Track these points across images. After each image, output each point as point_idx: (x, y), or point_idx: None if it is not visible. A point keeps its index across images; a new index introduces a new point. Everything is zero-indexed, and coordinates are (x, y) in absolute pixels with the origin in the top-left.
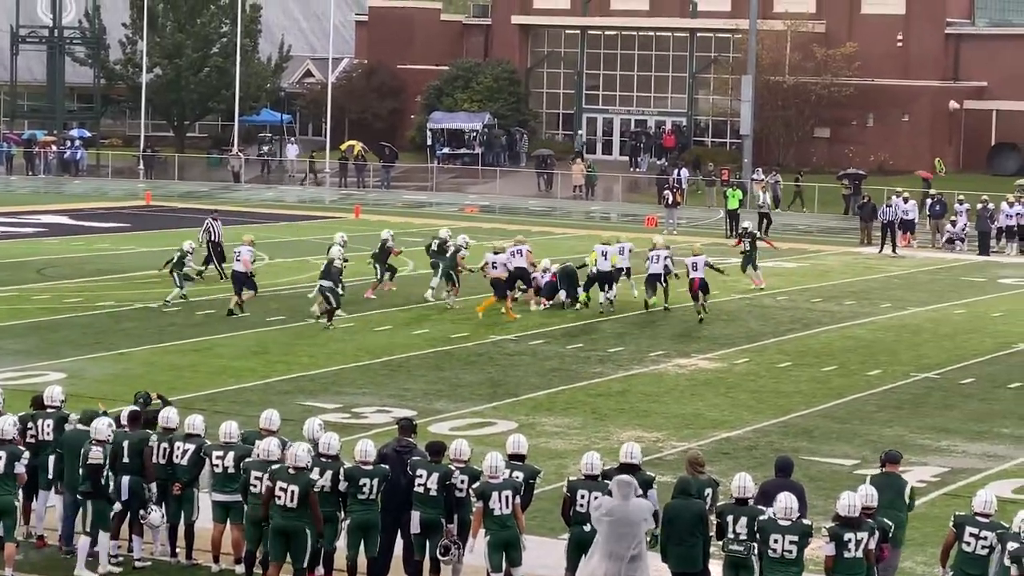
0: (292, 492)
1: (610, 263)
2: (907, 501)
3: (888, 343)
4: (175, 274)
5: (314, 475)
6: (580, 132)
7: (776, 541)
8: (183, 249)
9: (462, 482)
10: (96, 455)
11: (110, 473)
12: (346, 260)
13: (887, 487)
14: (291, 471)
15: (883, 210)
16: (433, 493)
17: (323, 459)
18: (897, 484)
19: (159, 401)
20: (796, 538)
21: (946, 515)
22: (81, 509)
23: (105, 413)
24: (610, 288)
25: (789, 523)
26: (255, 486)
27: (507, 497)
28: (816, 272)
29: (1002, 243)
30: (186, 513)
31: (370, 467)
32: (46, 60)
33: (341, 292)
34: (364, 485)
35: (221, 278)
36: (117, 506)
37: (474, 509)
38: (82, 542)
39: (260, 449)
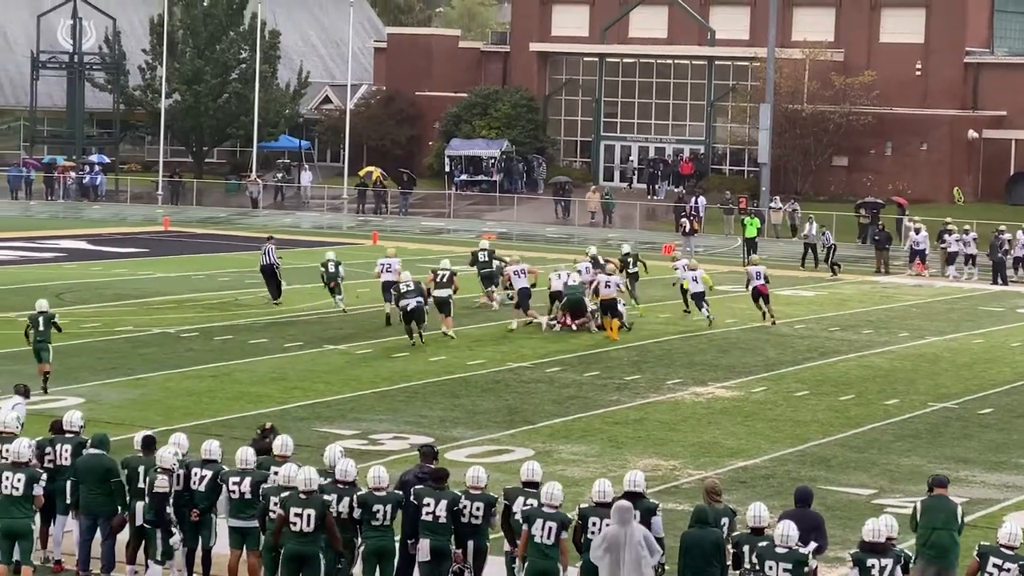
0: (308, 516)
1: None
2: (960, 522)
3: (906, 372)
4: (337, 281)
5: (327, 497)
6: (631, 159)
7: (771, 568)
8: (327, 258)
9: (477, 508)
10: (162, 483)
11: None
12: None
13: (939, 509)
14: (302, 495)
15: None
16: (442, 520)
17: (340, 485)
18: (948, 506)
19: (269, 431)
20: (790, 566)
21: (965, 545)
22: (143, 536)
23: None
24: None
25: (786, 551)
26: (274, 511)
27: (551, 528)
28: (834, 301)
29: (1020, 273)
30: (203, 539)
31: (383, 493)
32: (66, 86)
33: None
34: (378, 511)
35: (275, 301)
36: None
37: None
38: (152, 571)
39: (280, 476)
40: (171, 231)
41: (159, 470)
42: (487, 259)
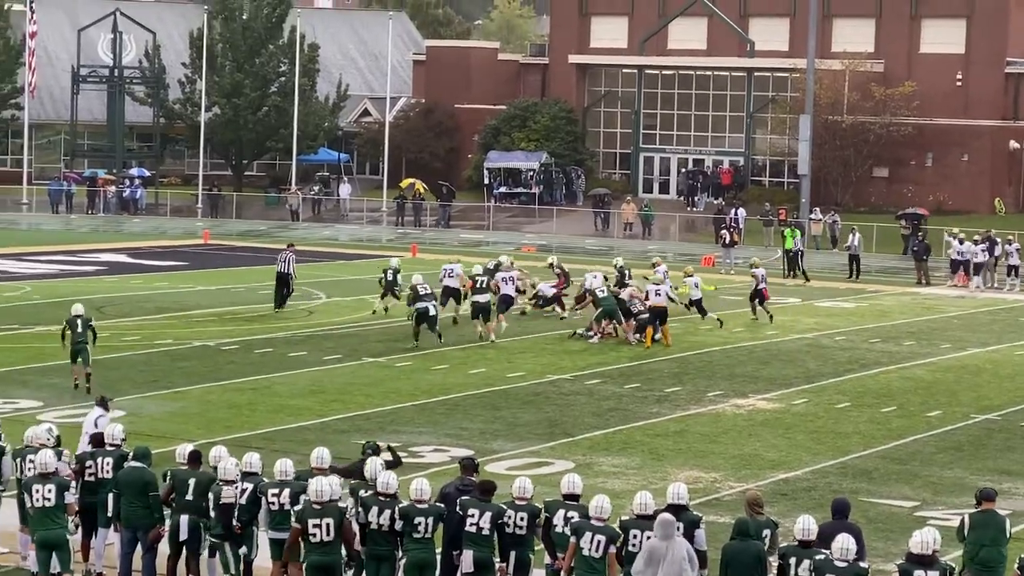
0: (327, 525)
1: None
2: (1007, 537)
3: (948, 384)
4: (393, 291)
5: (342, 503)
6: (688, 178)
7: None
8: (392, 266)
9: (521, 519)
10: (228, 495)
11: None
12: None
13: (988, 525)
14: (316, 506)
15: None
16: (485, 532)
17: (381, 498)
18: (997, 520)
19: (388, 452)
20: None
21: (1008, 558)
22: (214, 551)
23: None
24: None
25: (845, 564)
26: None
27: (600, 542)
28: (875, 312)
29: (1011, 279)
30: (245, 551)
31: (425, 505)
32: (106, 100)
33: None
34: (419, 524)
35: (276, 308)
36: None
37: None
38: None
39: (311, 490)
40: (211, 244)
41: (223, 482)
42: (483, 285)
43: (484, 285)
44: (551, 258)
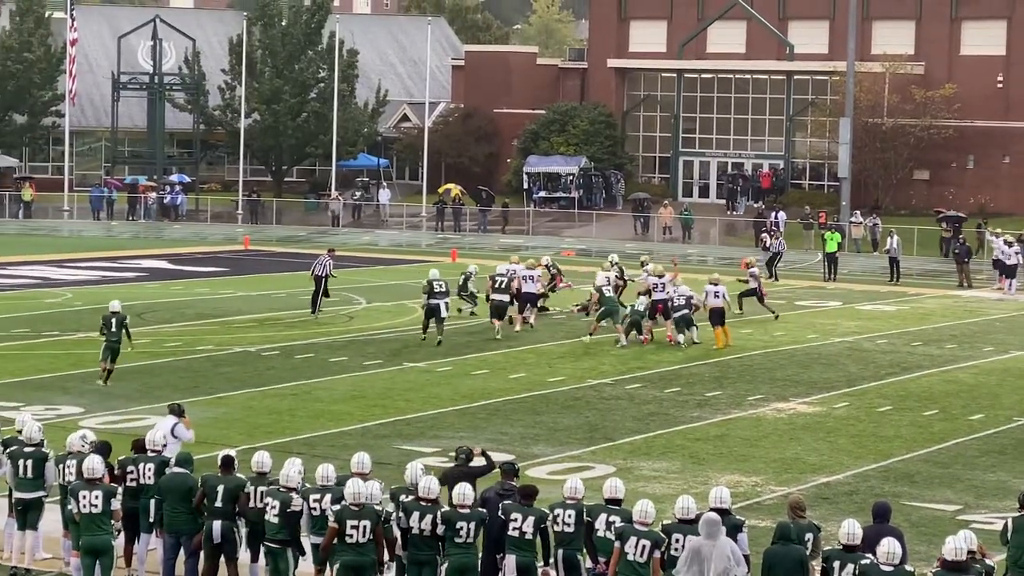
0: (364, 527)
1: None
2: None
3: (991, 387)
4: (462, 294)
5: (380, 507)
6: (728, 182)
7: None
8: (468, 272)
9: (569, 516)
10: (298, 502)
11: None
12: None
13: None
14: (354, 507)
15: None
16: (528, 536)
17: (422, 503)
18: None
19: (482, 457)
20: None
21: None
22: (272, 557)
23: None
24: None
25: (891, 568)
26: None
27: (644, 546)
28: (916, 315)
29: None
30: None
31: (467, 511)
32: (146, 106)
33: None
34: (461, 528)
35: (312, 312)
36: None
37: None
38: None
39: (347, 493)
40: (251, 250)
41: (283, 489)
42: (502, 285)
43: (503, 285)
44: (544, 258)
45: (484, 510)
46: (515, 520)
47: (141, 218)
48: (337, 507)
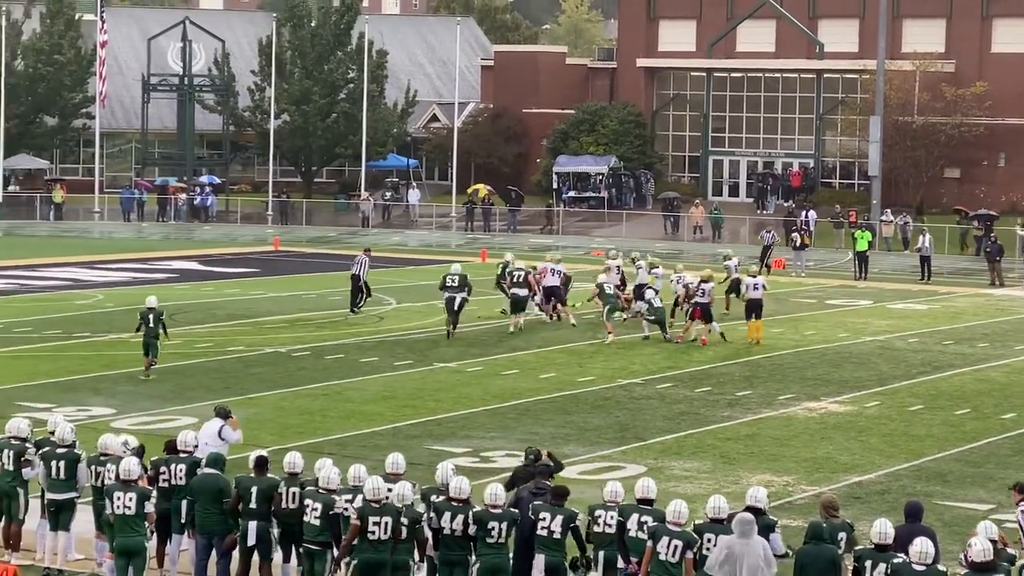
0: (385, 524)
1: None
2: None
3: (1022, 386)
4: (502, 284)
5: (420, 508)
6: (758, 180)
7: None
8: (505, 262)
9: (611, 517)
10: (341, 504)
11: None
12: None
13: None
14: (374, 504)
15: None
16: (557, 536)
17: (454, 503)
18: None
19: (549, 459)
20: None
21: None
22: (310, 559)
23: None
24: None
25: (924, 568)
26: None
27: (677, 546)
28: (947, 314)
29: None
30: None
31: (499, 511)
32: (176, 108)
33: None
34: (493, 529)
35: (352, 311)
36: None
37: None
38: None
39: (367, 489)
40: (281, 251)
41: (324, 491)
42: (521, 280)
43: (522, 280)
44: (549, 255)
45: (516, 510)
46: (543, 520)
47: (171, 219)
48: (359, 504)
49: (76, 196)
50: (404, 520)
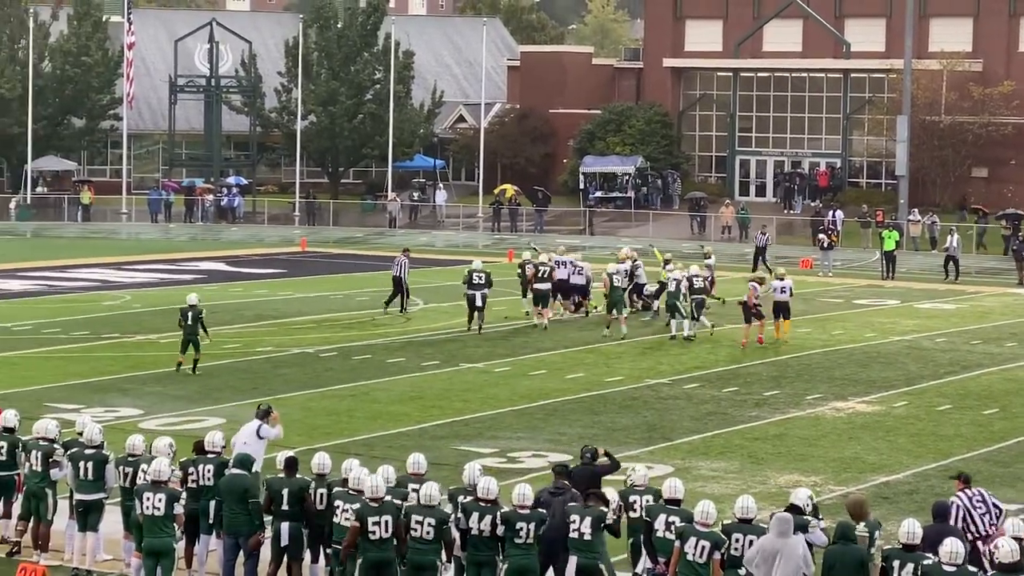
0: (385, 522)
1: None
2: None
3: None
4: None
5: (448, 508)
6: (785, 180)
7: None
8: (525, 259)
9: (646, 500)
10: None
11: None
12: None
13: None
14: (373, 504)
15: None
16: (588, 537)
17: (482, 503)
18: None
19: (606, 458)
20: None
21: None
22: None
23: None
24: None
25: (954, 568)
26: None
27: (704, 547)
28: (975, 313)
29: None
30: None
31: (527, 511)
32: (203, 109)
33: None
34: (521, 529)
35: (401, 311)
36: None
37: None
38: None
39: (366, 487)
40: (308, 252)
41: (355, 493)
42: (545, 275)
43: (546, 275)
44: (561, 248)
45: (544, 511)
46: (574, 522)
47: (198, 220)
48: (357, 505)
49: (104, 197)
50: (431, 520)
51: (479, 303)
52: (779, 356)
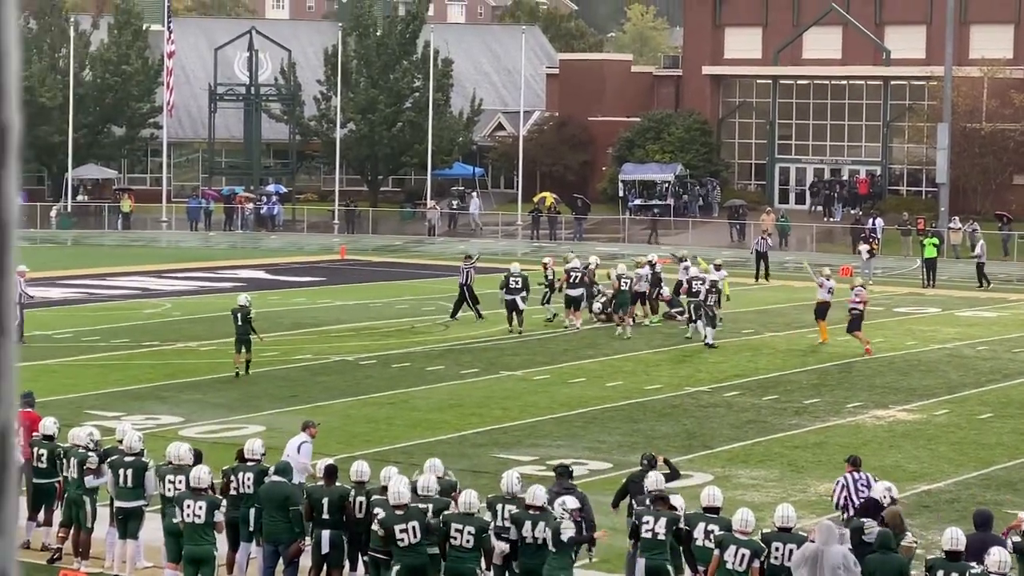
0: (413, 528)
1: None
2: None
3: None
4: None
5: (487, 516)
6: (825, 188)
7: None
8: (545, 263)
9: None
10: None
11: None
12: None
13: None
14: (398, 511)
15: None
16: (661, 537)
17: (531, 511)
18: None
19: (665, 465)
20: None
21: None
22: (376, 568)
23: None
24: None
25: None
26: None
27: (744, 555)
28: (1017, 321)
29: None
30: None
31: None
32: (243, 117)
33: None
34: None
35: (478, 317)
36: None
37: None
38: None
39: (390, 494)
40: (348, 260)
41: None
42: (576, 280)
43: (578, 280)
44: (570, 253)
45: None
46: (647, 523)
47: (238, 228)
48: (382, 516)
49: (144, 205)
50: (471, 528)
51: (520, 306)
52: (820, 364)
